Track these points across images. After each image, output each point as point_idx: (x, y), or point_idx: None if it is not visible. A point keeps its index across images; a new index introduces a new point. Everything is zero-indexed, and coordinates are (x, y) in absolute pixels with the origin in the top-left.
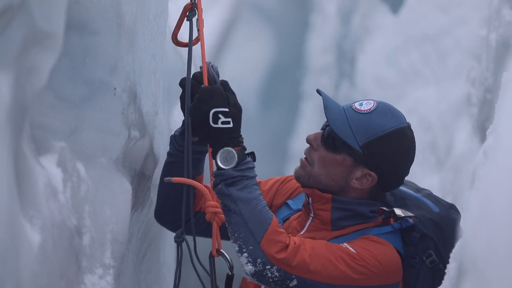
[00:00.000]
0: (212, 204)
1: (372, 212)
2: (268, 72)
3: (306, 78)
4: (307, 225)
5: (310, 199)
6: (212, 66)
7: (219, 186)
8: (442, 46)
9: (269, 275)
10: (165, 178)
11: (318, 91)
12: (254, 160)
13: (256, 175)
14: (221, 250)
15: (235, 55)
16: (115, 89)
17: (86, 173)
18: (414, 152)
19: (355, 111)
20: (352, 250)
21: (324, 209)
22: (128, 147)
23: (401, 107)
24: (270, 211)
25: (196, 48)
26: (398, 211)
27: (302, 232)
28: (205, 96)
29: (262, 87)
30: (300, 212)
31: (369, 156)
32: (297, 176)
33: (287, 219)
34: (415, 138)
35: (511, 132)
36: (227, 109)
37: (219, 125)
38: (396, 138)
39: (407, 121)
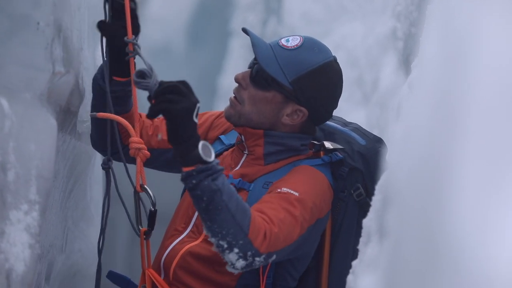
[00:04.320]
0: (135, 140)
1: (303, 146)
2: (195, 10)
3: (234, 16)
4: (241, 162)
5: (242, 137)
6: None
7: (206, 183)
8: None
9: (257, 263)
10: (90, 114)
11: (245, 30)
12: None
13: None
14: (145, 186)
15: None
16: (38, 23)
17: (10, 109)
18: (342, 85)
19: (282, 47)
20: (296, 193)
21: (257, 144)
22: (52, 82)
23: (328, 43)
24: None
25: None
26: (327, 144)
27: (236, 168)
28: (188, 87)
29: (189, 25)
30: (232, 148)
31: (299, 91)
32: (228, 116)
33: (220, 153)
34: (342, 71)
35: (434, 63)
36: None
37: (197, 120)
38: (324, 72)
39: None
